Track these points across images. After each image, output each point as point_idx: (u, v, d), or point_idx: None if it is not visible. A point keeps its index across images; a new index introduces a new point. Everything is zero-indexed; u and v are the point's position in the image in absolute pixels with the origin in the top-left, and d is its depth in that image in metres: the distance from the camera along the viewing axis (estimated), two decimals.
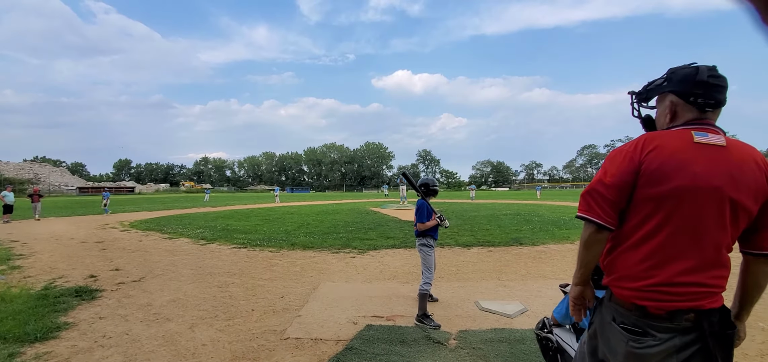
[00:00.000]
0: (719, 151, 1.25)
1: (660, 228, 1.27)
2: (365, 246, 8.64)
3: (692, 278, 1.25)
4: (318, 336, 3.66)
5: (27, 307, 4.43)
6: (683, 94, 1.33)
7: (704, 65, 1.32)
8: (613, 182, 1.32)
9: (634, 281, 1.31)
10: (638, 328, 1.28)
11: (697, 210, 1.24)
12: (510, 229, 11.26)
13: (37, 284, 5.63)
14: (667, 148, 1.27)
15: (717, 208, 1.24)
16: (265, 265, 6.86)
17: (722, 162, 1.25)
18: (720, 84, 1.29)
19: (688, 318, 1.25)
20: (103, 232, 12.08)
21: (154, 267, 6.73)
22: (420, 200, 4.39)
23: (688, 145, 1.26)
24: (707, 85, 1.29)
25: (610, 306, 1.38)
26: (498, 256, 7.51)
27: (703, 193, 1.23)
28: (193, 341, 3.57)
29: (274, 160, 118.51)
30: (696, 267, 1.26)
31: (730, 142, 1.28)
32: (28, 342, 3.48)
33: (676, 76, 1.35)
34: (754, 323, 3.89)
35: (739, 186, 1.24)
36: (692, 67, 1.33)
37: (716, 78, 1.29)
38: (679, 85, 1.34)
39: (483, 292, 5.08)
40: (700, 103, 1.30)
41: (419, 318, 3.97)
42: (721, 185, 1.23)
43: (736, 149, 1.27)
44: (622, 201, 1.33)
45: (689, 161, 1.24)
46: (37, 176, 72.54)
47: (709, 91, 1.29)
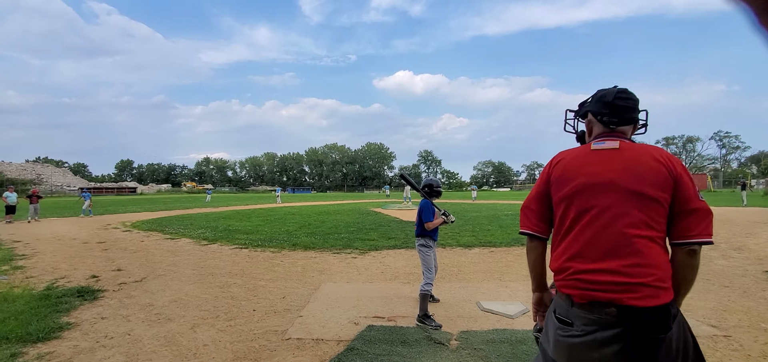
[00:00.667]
0: (613, 153, 1.42)
1: (572, 222, 1.42)
2: (366, 246, 8.64)
3: (604, 267, 1.31)
4: (319, 337, 3.66)
5: (29, 307, 4.44)
6: (595, 113, 1.54)
7: (616, 88, 1.52)
8: (533, 195, 1.59)
9: (560, 272, 1.42)
10: (567, 319, 1.36)
11: (598, 201, 1.37)
12: (512, 230, 11.24)
13: (40, 284, 5.65)
14: (568, 157, 1.51)
15: (618, 199, 1.35)
16: (267, 266, 6.87)
17: (615, 160, 1.40)
18: (625, 105, 1.48)
19: (609, 311, 1.27)
20: (105, 233, 12.11)
21: (155, 268, 6.74)
22: (423, 200, 4.38)
23: (585, 153, 1.48)
24: (612, 106, 1.48)
25: (554, 299, 1.49)
26: (499, 257, 7.50)
27: (600, 187, 1.38)
28: (195, 341, 3.57)
29: (276, 161, 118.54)
30: (607, 257, 1.32)
31: (625, 145, 1.43)
32: (30, 342, 3.49)
33: (594, 97, 1.57)
34: (757, 324, 3.88)
35: (635, 178, 1.35)
36: (606, 90, 1.54)
37: (622, 100, 1.48)
38: (594, 105, 1.55)
39: (484, 293, 5.07)
40: (606, 120, 1.50)
41: (420, 319, 3.96)
42: (615, 178, 1.37)
43: (630, 149, 1.42)
44: (543, 211, 1.56)
45: (586, 163, 1.44)
46: (40, 177, 72.81)
47: (614, 111, 1.48)
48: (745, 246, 8.29)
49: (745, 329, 3.76)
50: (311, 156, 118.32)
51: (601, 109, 1.51)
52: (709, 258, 7.09)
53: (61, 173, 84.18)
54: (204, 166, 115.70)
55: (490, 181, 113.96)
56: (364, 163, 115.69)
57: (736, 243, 8.64)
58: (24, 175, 68.74)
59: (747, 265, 6.52)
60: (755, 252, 7.67)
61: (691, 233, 1.33)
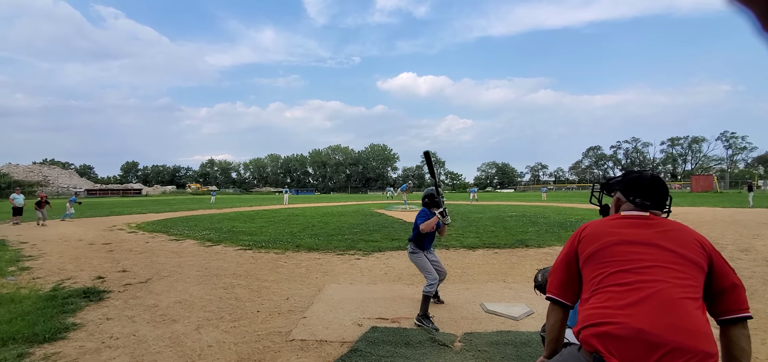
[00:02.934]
0: (644, 219, 1.44)
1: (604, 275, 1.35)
2: (370, 247, 8.64)
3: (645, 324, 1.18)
4: (323, 338, 3.66)
5: (36, 308, 4.48)
6: (625, 192, 1.57)
7: (649, 174, 1.56)
8: (560, 259, 1.57)
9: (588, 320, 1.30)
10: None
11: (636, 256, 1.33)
12: (515, 231, 11.20)
13: (46, 285, 5.70)
14: (597, 222, 1.52)
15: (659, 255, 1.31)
16: (271, 267, 6.89)
17: (649, 226, 1.41)
18: (660, 191, 1.52)
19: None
20: (110, 234, 12.20)
21: (160, 269, 6.78)
22: (423, 208, 4.51)
23: (615, 218, 1.50)
24: (648, 190, 1.51)
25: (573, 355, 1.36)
26: (503, 258, 7.47)
27: (637, 243, 1.36)
28: (199, 342, 3.59)
29: (279, 162, 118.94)
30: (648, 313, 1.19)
31: (654, 216, 1.46)
32: (36, 343, 3.52)
33: (626, 177, 1.61)
34: (765, 326, 3.84)
35: (672, 240, 1.34)
36: (638, 173, 1.58)
37: (657, 187, 1.52)
38: (625, 185, 1.58)
39: (488, 294, 5.06)
40: (638, 202, 1.52)
41: (419, 319, 3.98)
42: (652, 238, 1.36)
43: (660, 220, 1.44)
44: (569, 277, 1.52)
45: (618, 226, 1.44)
46: (46, 178, 73.47)
47: (648, 194, 1.51)
48: (753, 248, 8.20)
49: (753, 332, 3.70)
50: (315, 157, 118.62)
51: (635, 190, 1.53)
52: None
53: (68, 175, 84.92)
54: (208, 167, 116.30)
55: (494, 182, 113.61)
56: (367, 165, 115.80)
57: (743, 245, 8.56)
58: (31, 177, 69.41)
59: (754, 267, 6.45)
60: (762, 253, 7.59)
61: (743, 306, 1.31)
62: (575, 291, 1.51)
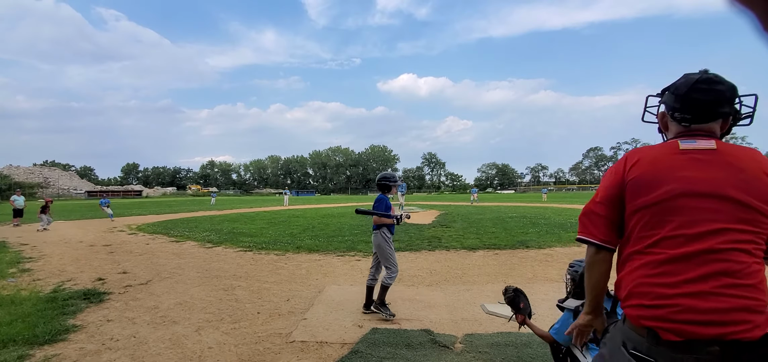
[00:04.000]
0: (710, 154, 1.17)
1: (659, 237, 1.16)
2: (370, 249, 8.59)
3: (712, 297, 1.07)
4: (323, 340, 3.66)
5: (36, 310, 4.48)
6: (668, 107, 1.30)
7: (694, 76, 1.23)
8: (602, 198, 1.31)
9: (639, 297, 1.16)
10: (650, 357, 1.11)
11: (697, 213, 1.12)
12: (516, 232, 11.19)
13: (46, 287, 5.69)
14: (649, 157, 1.22)
15: (722, 211, 1.11)
16: (271, 268, 6.88)
17: (715, 164, 1.15)
18: (705, 99, 1.20)
19: (711, 351, 1.05)
20: (111, 236, 12.20)
21: (161, 270, 6.78)
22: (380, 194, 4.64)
23: (672, 152, 1.20)
24: (687, 100, 1.22)
25: (622, 330, 1.23)
26: (504, 259, 7.46)
27: (699, 196, 1.13)
28: (200, 344, 3.59)
29: (280, 164, 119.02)
30: (709, 280, 1.09)
31: (723, 146, 1.19)
32: (37, 345, 3.51)
33: (670, 87, 1.30)
34: None
35: (742, 187, 1.12)
36: (689, 76, 1.25)
37: (702, 91, 1.20)
38: (668, 97, 1.30)
39: (489, 296, 5.05)
40: (678, 117, 1.25)
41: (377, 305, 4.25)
42: (718, 186, 1.13)
43: (730, 152, 1.17)
44: (614, 217, 1.29)
45: (676, 166, 1.17)
46: (47, 180, 73.52)
47: (687, 106, 1.22)
48: None
49: None
50: (315, 158, 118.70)
51: (674, 103, 1.25)
52: None
53: (68, 176, 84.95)
54: (209, 169, 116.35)
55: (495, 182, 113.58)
56: (367, 166, 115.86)
57: None
58: (31, 179, 69.42)
59: None
60: None
61: None
62: (618, 231, 1.31)
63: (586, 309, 1.42)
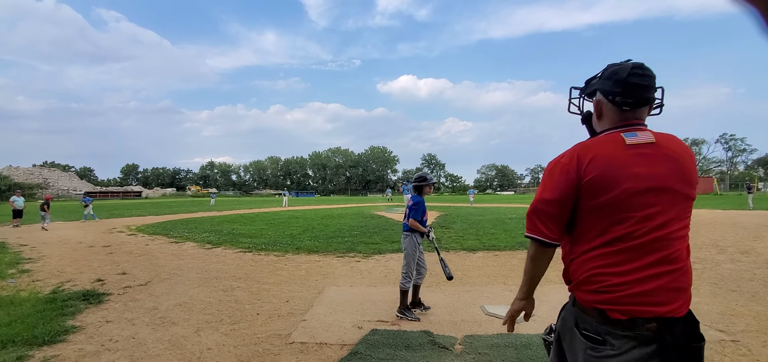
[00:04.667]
0: (652, 149, 1.25)
1: (613, 233, 1.24)
2: (370, 250, 8.63)
3: (653, 280, 1.19)
4: (323, 341, 3.65)
5: (35, 311, 4.47)
6: (606, 92, 1.33)
7: (630, 63, 1.29)
8: (553, 198, 1.31)
9: (592, 284, 1.26)
10: (598, 335, 1.23)
11: (646, 209, 1.21)
12: (516, 233, 11.19)
13: (46, 288, 5.69)
14: (602, 155, 1.25)
15: (667, 204, 1.22)
16: (271, 269, 6.88)
17: (659, 159, 1.24)
18: (641, 83, 1.27)
19: (649, 327, 1.17)
20: (110, 236, 12.19)
21: (160, 271, 6.77)
22: (415, 195, 4.53)
23: (621, 148, 1.25)
24: (627, 85, 1.27)
25: (572, 311, 1.33)
26: (504, 260, 7.46)
27: (650, 192, 1.22)
28: (199, 345, 3.58)
29: (279, 165, 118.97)
30: (655, 267, 1.20)
31: (660, 139, 1.27)
32: (36, 346, 3.51)
33: (604, 72, 1.35)
34: (766, 328, 3.83)
35: (683, 180, 1.24)
36: (618, 65, 1.32)
37: (638, 76, 1.26)
38: (604, 83, 1.33)
39: (489, 297, 5.04)
40: (619, 101, 1.29)
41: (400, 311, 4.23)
42: (665, 183, 1.22)
43: (667, 144, 1.27)
44: (564, 216, 1.33)
45: (627, 163, 1.23)
46: (46, 181, 73.49)
47: (628, 90, 1.27)
48: (753, 250, 8.19)
49: (754, 334, 3.71)
50: (315, 159, 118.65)
51: (613, 88, 1.29)
52: (717, 262, 7.01)
53: (68, 177, 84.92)
54: (208, 169, 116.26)
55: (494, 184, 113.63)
56: (367, 167, 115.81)
57: (744, 247, 8.54)
58: (31, 180, 69.39)
59: (755, 269, 6.44)
60: (763, 255, 7.58)
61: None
62: (566, 228, 1.37)
63: (520, 296, 1.53)
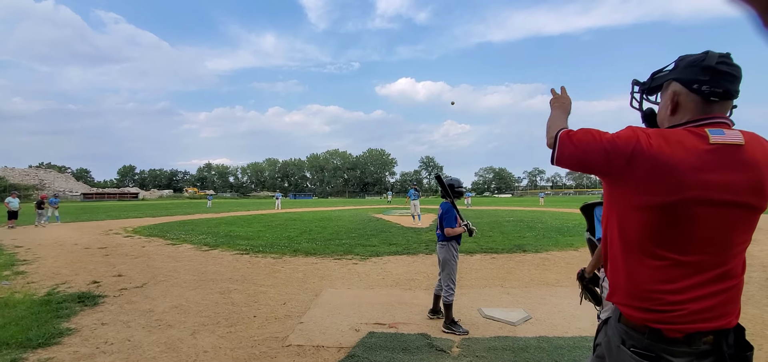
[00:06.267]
0: (737, 151, 1.08)
1: (670, 241, 1.11)
2: (367, 252, 8.62)
3: (713, 297, 1.11)
4: (320, 344, 3.64)
5: (30, 313, 4.44)
6: (687, 81, 1.16)
7: (715, 52, 1.14)
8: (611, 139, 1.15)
9: (645, 301, 1.14)
10: (651, 353, 1.13)
11: (715, 222, 1.09)
12: (513, 236, 11.21)
13: (41, 290, 5.64)
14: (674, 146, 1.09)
15: (737, 219, 1.10)
16: (268, 272, 6.85)
17: (742, 166, 1.08)
18: (731, 73, 1.11)
19: (707, 340, 1.12)
20: (106, 238, 12.12)
21: (156, 273, 6.74)
22: (445, 202, 4.15)
23: (699, 145, 1.09)
24: (715, 72, 1.11)
25: (618, 328, 1.21)
26: (501, 263, 7.46)
27: (720, 205, 1.08)
28: (195, 348, 3.56)
29: (277, 167, 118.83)
30: (715, 284, 1.12)
31: (750, 139, 1.11)
32: (30, 348, 3.48)
33: (683, 62, 1.19)
34: (762, 332, 3.84)
35: (757, 192, 1.09)
36: (701, 53, 1.16)
37: (728, 65, 1.11)
38: (684, 72, 1.17)
39: (486, 299, 5.05)
40: (705, 90, 1.12)
41: (447, 326, 3.94)
42: (741, 197, 1.09)
43: (755, 148, 1.10)
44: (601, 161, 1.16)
45: (701, 168, 1.07)
46: (42, 182, 73.12)
47: (717, 79, 1.11)
48: (749, 253, 8.19)
49: (750, 337, 3.67)
50: (313, 162, 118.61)
51: (699, 75, 1.13)
52: None
53: (64, 178, 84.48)
54: (206, 171, 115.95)
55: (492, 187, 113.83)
56: (365, 169, 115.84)
57: None
58: (27, 181, 69.03)
59: (750, 272, 6.48)
60: (759, 259, 7.62)
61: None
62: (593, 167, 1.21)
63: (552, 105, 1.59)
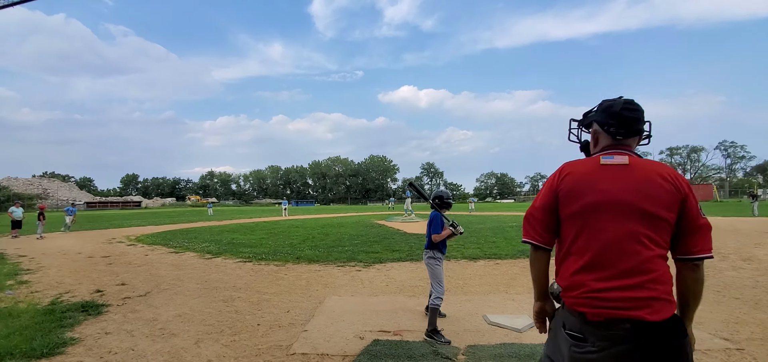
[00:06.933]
0: (623, 169, 1.43)
1: (583, 240, 1.43)
2: (371, 259, 8.59)
3: (618, 284, 1.34)
4: (324, 352, 3.62)
5: (34, 322, 4.44)
6: (601, 122, 1.55)
7: (622, 99, 1.52)
8: (539, 205, 1.57)
9: (572, 289, 1.42)
10: (580, 334, 1.37)
11: (609, 222, 1.39)
12: (517, 241, 11.16)
13: (44, 299, 5.65)
14: (577, 172, 1.49)
15: (630, 218, 1.37)
16: (271, 279, 6.84)
17: (626, 177, 1.41)
18: (632, 116, 1.48)
19: (624, 327, 1.31)
20: (109, 247, 12.14)
21: (160, 282, 6.73)
22: (433, 212, 4.35)
23: (595, 167, 1.47)
24: (620, 117, 1.49)
25: (562, 313, 1.49)
26: (505, 269, 7.43)
27: (612, 205, 1.39)
28: (199, 357, 3.54)
29: (279, 174, 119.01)
30: (621, 276, 1.35)
31: (634, 161, 1.44)
32: (34, 358, 3.47)
33: (600, 107, 1.58)
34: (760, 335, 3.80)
35: (646, 198, 1.38)
36: (612, 101, 1.54)
37: (629, 111, 1.49)
38: (601, 115, 1.56)
39: (491, 306, 5.02)
40: (612, 131, 1.51)
41: (429, 334, 3.90)
42: (627, 198, 1.39)
43: (640, 167, 1.43)
44: (549, 221, 1.54)
45: (596, 180, 1.43)
46: (46, 191, 73.39)
47: (621, 122, 1.49)
48: (755, 257, 8.16)
49: (759, 341, 3.68)
50: (315, 168, 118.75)
51: (608, 119, 1.52)
52: (719, 269, 6.98)
53: (67, 187, 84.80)
54: (208, 179, 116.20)
55: (494, 192, 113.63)
56: (367, 176, 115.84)
57: (746, 254, 8.52)
58: (30, 190, 69.29)
59: (757, 276, 6.42)
60: (765, 262, 7.56)
61: (696, 249, 1.41)
62: (554, 233, 1.56)
63: (535, 297, 1.65)
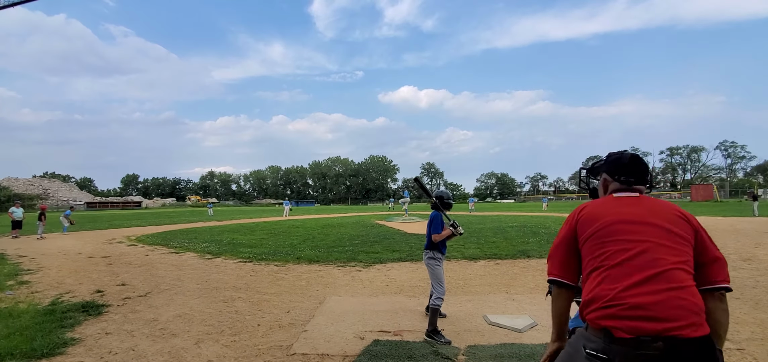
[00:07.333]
0: (635, 199, 1.55)
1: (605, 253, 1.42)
2: (371, 259, 8.59)
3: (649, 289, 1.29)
4: (325, 352, 3.62)
5: (34, 323, 4.44)
6: (610, 172, 1.69)
7: (629, 153, 1.68)
8: (558, 241, 1.62)
9: (594, 302, 1.37)
10: (604, 354, 1.27)
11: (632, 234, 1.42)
12: (517, 242, 11.16)
13: (45, 299, 5.65)
14: (594, 204, 1.59)
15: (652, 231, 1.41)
16: (271, 279, 6.84)
17: (639, 204, 1.52)
18: (639, 168, 1.63)
19: (656, 346, 1.20)
20: (110, 247, 12.14)
21: (160, 282, 6.73)
22: (434, 212, 4.37)
23: (609, 200, 1.58)
24: (629, 167, 1.63)
25: (583, 334, 1.41)
26: (505, 269, 7.43)
27: (632, 222, 1.44)
28: (199, 357, 3.54)
29: (279, 174, 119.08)
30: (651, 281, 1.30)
31: (645, 197, 1.57)
32: (34, 358, 3.47)
33: (609, 159, 1.73)
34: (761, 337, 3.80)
35: (662, 217, 1.45)
36: (620, 153, 1.70)
37: (636, 164, 1.63)
38: (609, 166, 1.70)
39: (491, 306, 5.01)
40: (623, 179, 1.64)
41: (429, 334, 3.90)
42: (644, 216, 1.45)
43: (651, 200, 1.53)
44: (569, 256, 1.58)
45: (613, 206, 1.53)
46: (46, 191, 73.44)
47: (630, 171, 1.62)
48: (755, 257, 8.16)
49: (759, 341, 3.68)
50: (315, 169, 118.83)
51: (617, 170, 1.65)
52: None
53: (68, 188, 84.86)
54: (208, 179, 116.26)
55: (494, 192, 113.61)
56: (367, 176, 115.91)
57: (746, 254, 8.52)
58: (30, 190, 69.32)
59: (758, 276, 6.42)
60: (765, 262, 7.55)
61: (719, 279, 1.41)
62: (576, 271, 1.58)
63: (552, 338, 1.64)
